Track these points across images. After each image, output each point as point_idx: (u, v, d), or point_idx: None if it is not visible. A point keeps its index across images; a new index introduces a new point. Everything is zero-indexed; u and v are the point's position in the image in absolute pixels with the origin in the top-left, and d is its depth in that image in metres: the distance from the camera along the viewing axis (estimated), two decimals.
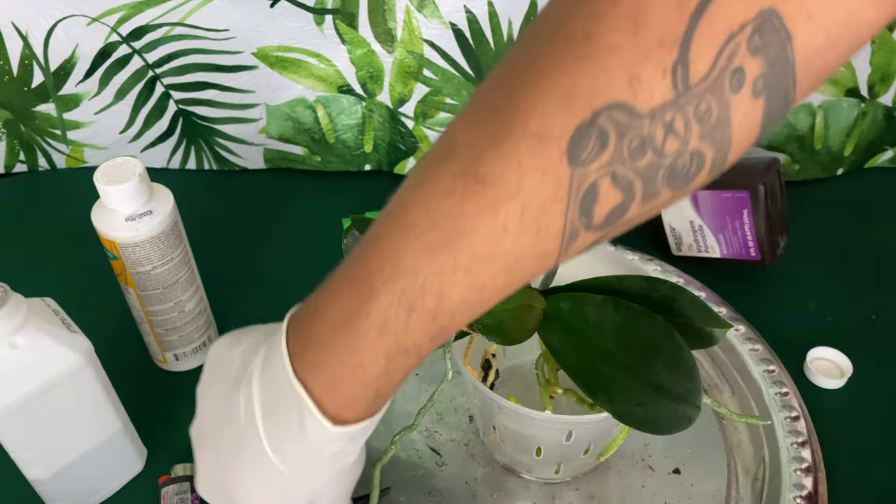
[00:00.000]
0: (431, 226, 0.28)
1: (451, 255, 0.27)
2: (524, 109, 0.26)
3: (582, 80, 0.25)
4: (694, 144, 0.26)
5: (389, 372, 0.30)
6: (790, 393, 0.51)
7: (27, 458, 0.44)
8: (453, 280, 0.28)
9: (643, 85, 0.24)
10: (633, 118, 0.25)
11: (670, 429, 0.37)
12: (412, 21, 0.61)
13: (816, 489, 0.46)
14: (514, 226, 0.27)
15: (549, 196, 0.26)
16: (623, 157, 0.25)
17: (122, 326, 0.57)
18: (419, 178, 0.29)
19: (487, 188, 0.26)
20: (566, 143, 0.25)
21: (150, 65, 0.66)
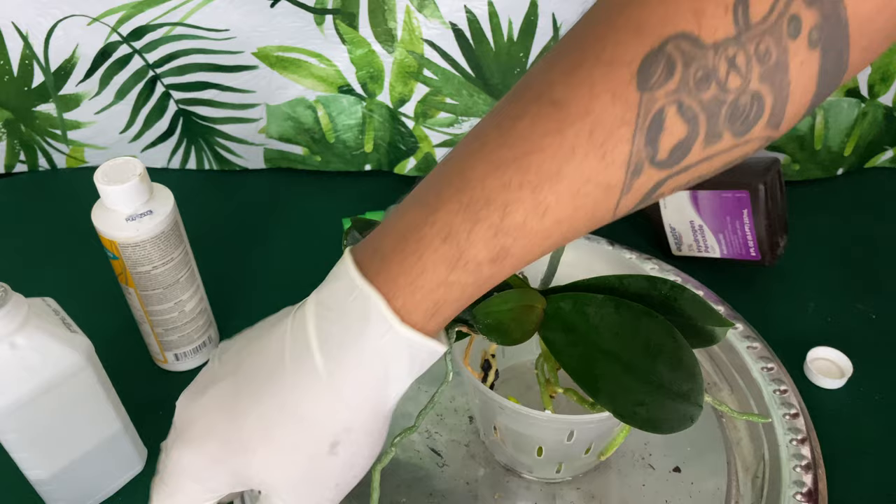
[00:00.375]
0: (501, 143, 0.29)
1: (519, 170, 0.28)
2: (598, 39, 0.28)
3: (652, 12, 0.27)
4: (754, 85, 0.27)
5: (449, 284, 0.30)
6: (789, 391, 0.51)
7: (27, 458, 0.44)
8: (519, 196, 0.29)
9: (707, 19, 0.26)
10: (697, 48, 0.26)
11: (672, 428, 0.37)
12: (412, 21, 0.61)
13: (816, 486, 0.46)
14: (581, 146, 0.28)
15: (617, 118, 0.27)
16: (689, 85, 0.27)
17: (122, 326, 0.57)
18: (501, 103, 0.30)
19: (559, 110, 0.28)
20: (636, 68, 0.27)
21: (151, 65, 0.66)
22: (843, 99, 0.67)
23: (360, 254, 0.32)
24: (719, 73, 0.27)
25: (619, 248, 0.61)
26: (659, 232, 0.63)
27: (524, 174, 0.28)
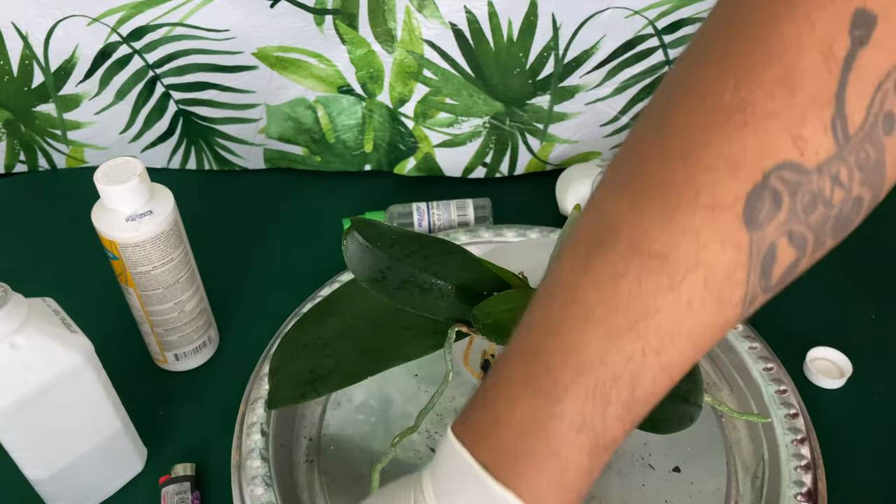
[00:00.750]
0: (611, 309, 0.27)
1: (639, 338, 0.27)
2: (689, 182, 0.26)
3: (747, 146, 0.25)
4: (855, 191, 0.26)
5: (592, 470, 0.28)
6: (788, 391, 0.51)
7: (27, 458, 0.44)
8: (644, 364, 0.27)
9: (808, 143, 0.25)
10: (802, 175, 0.25)
11: (671, 428, 0.37)
12: (412, 21, 0.61)
13: (816, 486, 0.46)
14: (698, 299, 0.26)
15: (730, 263, 0.26)
16: (797, 213, 0.26)
17: (122, 326, 0.57)
18: (579, 262, 0.28)
19: (665, 265, 0.26)
20: (741, 208, 0.26)
21: (151, 65, 0.66)
22: None
23: (478, 449, 0.29)
24: (825, 193, 0.26)
25: None
26: None
27: (645, 340, 0.27)
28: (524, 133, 0.70)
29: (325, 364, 0.43)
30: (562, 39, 0.62)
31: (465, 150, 0.71)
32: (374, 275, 0.41)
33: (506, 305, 0.40)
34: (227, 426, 0.51)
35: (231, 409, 0.52)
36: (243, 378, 0.54)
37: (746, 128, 0.25)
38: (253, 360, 0.55)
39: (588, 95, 0.66)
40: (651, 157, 0.28)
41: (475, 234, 0.63)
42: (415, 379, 0.54)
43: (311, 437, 0.52)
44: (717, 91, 0.26)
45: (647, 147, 0.28)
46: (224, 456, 0.50)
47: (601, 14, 0.60)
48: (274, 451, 0.48)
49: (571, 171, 0.70)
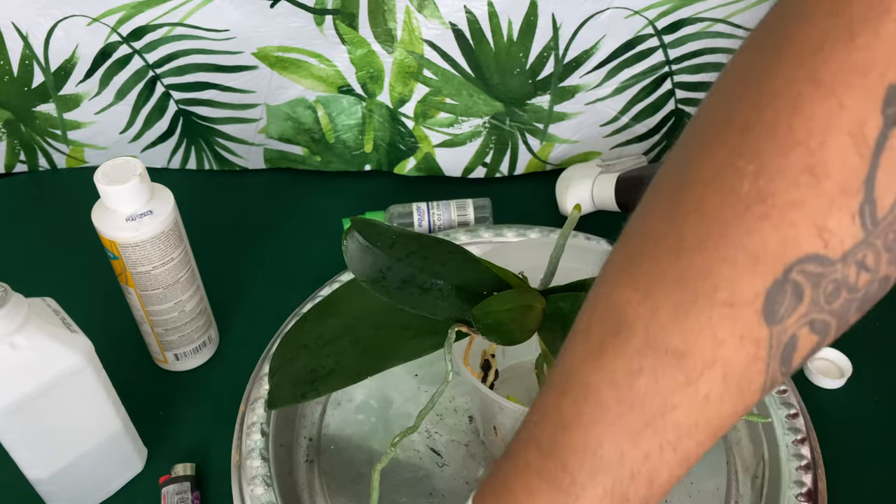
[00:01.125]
0: (627, 407, 0.26)
1: (656, 434, 0.26)
2: (706, 276, 0.25)
3: (768, 239, 0.24)
4: (883, 272, 0.25)
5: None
6: (789, 391, 0.51)
7: (27, 458, 0.44)
8: (661, 460, 0.26)
9: (833, 234, 0.24)
10: (826, 266, 0.24)
11: None
12: (412, 21, 0.61)
13: (816, 486, 0.46)
14: (716, 393, 0.26)
15: (749, 358, 0.25)
16: (820, 304, 0.25)
17: (122, 326, 0.57)
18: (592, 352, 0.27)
19: (682, 361, 0.25)
20: (761, 305, 0.25)
21: (151, 65, 0.66)
22: None
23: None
24: (850, 281, 0.25)
25: None
26: None
27: (662, 436, 0.26)
28: (524, 133, 0.70)
29: (325, 364, 0.43)
30: (562, 39, 0.62)
31: (465, 150, 0.71)
32: (374, 275, 0.41)
33: (506, 305, 0.40)
34: (227, 426, 0.51)
35: (231, 409, 0.52)
36: (243, 378, 0.54)
37: (767, 220, 0.24)
38: (253, 360, 0.55)
39: (588, 95, 0.66)
40: (664, 243, 0.26)
41: (475, 234, 0.63)
42: (415, 379, 0.54)
43: (311, 437, 0.52)
44: (735, 177, 0.25)
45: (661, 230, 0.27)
46: (224, 456, 0.50)
47: (601, 14, 0.60)
48: (274, 451, 0.48)
49: (571, 171, 0.70)
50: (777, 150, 0.24)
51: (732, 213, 0.25)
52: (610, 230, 0.38)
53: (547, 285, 0.44)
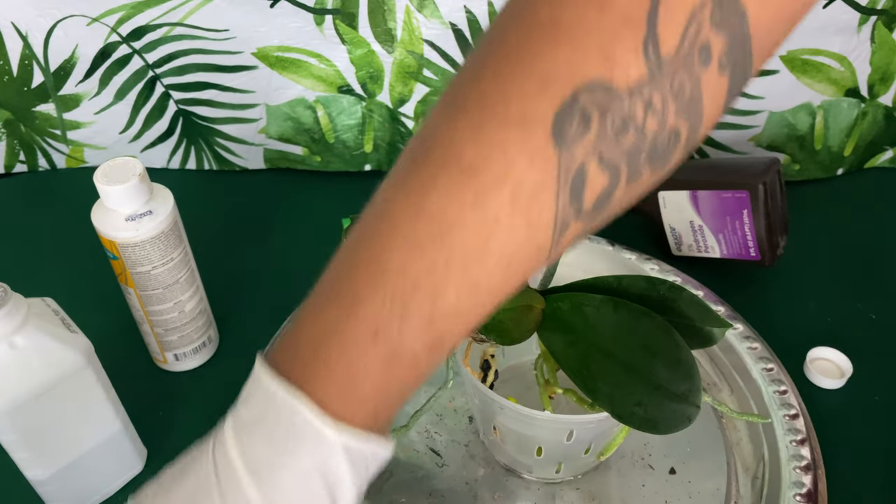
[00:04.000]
0: (417, 221, 0.26)
1: (442, 250, 0.26)
2: (502, 94, 0.26)
3: (558, 61, 0.25)
4: (671, 122, 0.26)
5: (387, 384, 0.27)
6: (789, 391, 0.51)
7: (27, 458, 0.44)
8: (446, 277, 0.26)
9: (618, 62, 0.25)
10: (612, 97, 0.25)
11: (670, 428, 0.37)
12: (412, 21, 0.61)
13: (816, 487, 0.46)
14: (505, 215, 0.26)
15: (538, 181, 0.25)
16: (607, 136, 0.25)
17: (122, 326, 0.57)
18: (399, 174, 0.28)
19: (473, 177, 0.25)
20: (550, 125, 0.25)
21: (150, 65, 0.66)
22: (842, 99, 0.67)
23: (277, 363, 0.29)
24: (637, 119, 0.25)
25: (619, 248, 0.61)
26: (659, 232, 0.63)
27: (448, 252, 0.26)
28: None
29: None
30: None
31: None
32: None
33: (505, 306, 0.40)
34: None
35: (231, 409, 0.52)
36: (243, 378, 0.53)
37: (558, 44, 0.25)
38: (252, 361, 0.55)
39: None
40: (474, 72, 0.27)
41: None
42: None
43: None
44: (537, 7, 0.26)
45: (474, 62, 0.27)
46: None
47: None
48: None
49: None
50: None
51: (528, 38, 0.26)
52: (610, 230, 0.38)
53: (546, 285, 0.44)
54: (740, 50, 0.26)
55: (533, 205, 0.26)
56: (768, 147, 0.70)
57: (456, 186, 0.26)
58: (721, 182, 0.58)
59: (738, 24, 0.25)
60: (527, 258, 0.27)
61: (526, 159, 0.25)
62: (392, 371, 0.27)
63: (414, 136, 0.28)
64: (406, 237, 0.26)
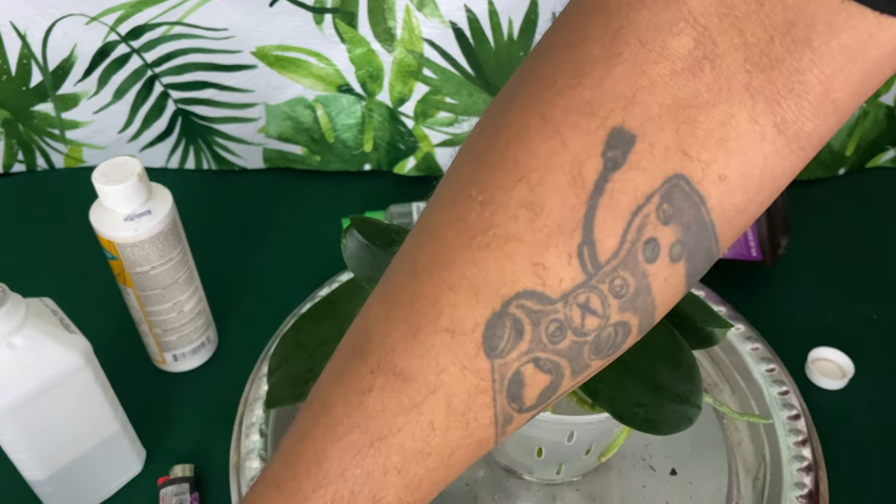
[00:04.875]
0: (354, 424, 0.26)
1: (380, 455, 0.26)
2: (433, 302, 0.25)
3: (488, 270, 0.24)
4: (615, 318, 0.25)
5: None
6: (790, 392, 0.51)
7: (25, 459, 0.44)
8: (384, 481, 0.26)
9: (549, 271, 0.24)
10: (545, 304, 0.24)
11: (671, 429, 0.37)
12: (412, 20, 0.61)
13: (817, 487, 0.46)
14: (440, 421, 0.26)
15: (471, 389, 0.25)
16: (542, 342, 0.25)
17: (120, 327, 0.56)
18: (338, 371, 0.28)
19: (407, 384, 0.25)
20: (480, 336, 0.25)
21: (149, 64, 0.65)
22: None
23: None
24: (574, 322, 0.24)
25: None
26: None
27: (386, 458, 0.26)
28: None
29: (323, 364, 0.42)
30: None
31: None
32: (373, 274, 0.41)
33: None
34: (226, 427, 0.51)
35: (230, 409, 0.52)
36: (242, 379, 0.54)
37: (488, 251, 0.24)
38: (252, 361, 0.55)
39: None
40: (406, 266, 0.27)
41: None
42: None
43: None
44: (465, 207, 0.25)
45: (404, 250, 0.27)
46: (223, 457, 0.50)
47: None
48: (273, 452, 0.48)
49: None
50: (502, 182, 0.24)
51: (459, 242, 0.25)
52: None
53: None
54: (698, 236, 0.24)
55: (469, 410, 0.26)
56: None
57: (390, 393, 0.26)
58: None
59: (694, 212, 0.24)
60: (468, 453, 0.27)
61: (457, 369, 0.25)
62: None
63: (355, 322, 0.28)
64: (344, 441, 0.26)
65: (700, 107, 0.23)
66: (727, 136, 0.23)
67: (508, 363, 0.25)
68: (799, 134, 0.24)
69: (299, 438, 0.28)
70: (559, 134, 0.24)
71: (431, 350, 0.25)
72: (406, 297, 0.26)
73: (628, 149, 0.23)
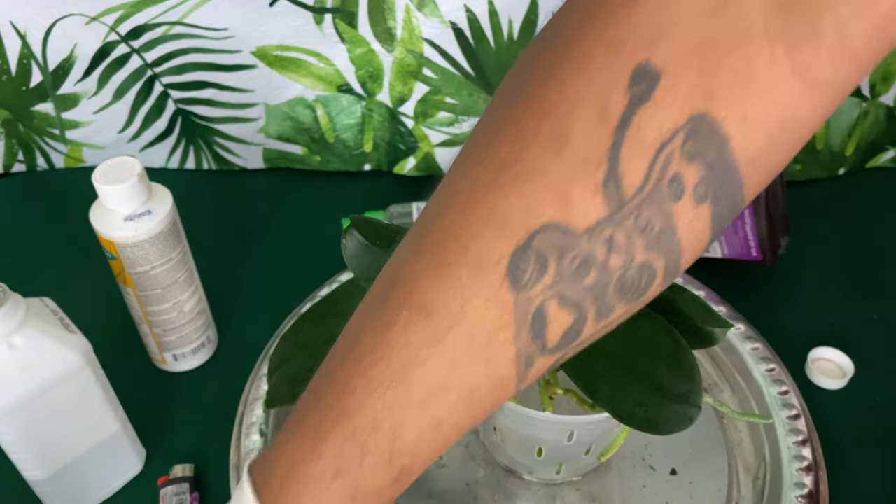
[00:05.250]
0: (378, 357, 0.27)
1: (401, 387, 0.26)
2: (460, 236, 0.26)
3: (513, 203, 0.25)
4: (640, 257, 0.25)
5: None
6: (790, 391, 0.51)
7: (25, 459, 0.44)
8: (405, 416, 0.26)
9: (574, 204, 0.24)
10: (569, 238, 0.24)
11: (671, 429, 0.37)
12: (412, 20, 0.61)
13: (817, 487, 0.46)
14: (462, 355, 0.26)
15: (494, 323, 0.25)
16: (566, 277, 0.25)
17: (120, 327, 0.56)
18: (365, 310, 0.28)
19: (430, 317, 0.26)
20: (505, 268, 0.25)
21: (149, 64, 0.65)
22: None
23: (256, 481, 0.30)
24: (598, 258, 0.24)
25: None
26: None
27: (407, 391, 0.26)
28: None
29: None
30: None
31: None
32: (373, 273, 0.41)
33: None
34: (226, 427, 0.51)
35: (230, 409, 0.52)
36: (242, 378, 0.54)
37: (514, 185, 0.25)
38: (252, 361, 0.55)
39: None
40: (435, 208, 0.28)
41: None
42: None
43: None
44: (497, 144, 0.26)
45: (438, 196, 0.28)
46: (223, 457, 0.50)
47: None
48: None
49: None
50: (529, 119, 0.25)
51: (486, 177, 0.26)
52: None
53: None
54: (723, 177, 0.25)
55: (491, 345, 0.26)
56: None
57: (414, 327, 0.26)
58: None
59: (718, 152, 0.24)
60: (490, 393, 0.27)
61: (481, 302, 0.25)
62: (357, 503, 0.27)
63: (385, 267, 0.29)
64: (368, 374, 0.27)
65: (722, 48, 0.23)
66: (748, 77, 0.24)
67: (532, 297, 0.25)
68: (817, 79, 0.24)
69: (324, 374, 0.28)
70: (585, 70, 0.24)
71: (456, 283, 0.26)
72: (433, 235, 0.27)
73: (654, 85, 0.24)
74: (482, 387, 0.27)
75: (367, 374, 0.27)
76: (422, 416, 0.27)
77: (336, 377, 0.28)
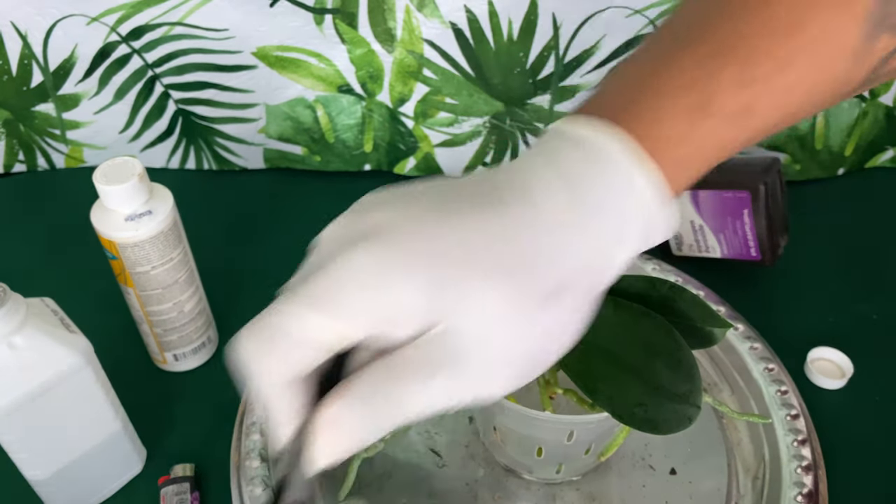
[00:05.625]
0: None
1: (759, 17, 0.27)
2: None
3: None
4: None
5: (692, 139, 0.27)
6: (790, 391, 0.51)
7: (26, 459, 0.44)
8: (759, 44, 0.27)
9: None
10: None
11: (671, 429, 0.37)
12: (412, 20, 0.61)
13: (817, 487, 0.46)
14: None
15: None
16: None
17: (121, 326, 0.57)
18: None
19: None
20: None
21: (150, 64, 0.65)
22: None
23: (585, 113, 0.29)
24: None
25: None
26: None
27: (765, 23, 0.27)
28: (524, 133, 0.69)
29: None
30: (562, 39, 0.62)
31: (465, 149, 0.70)
32: None
33: None
34: (227, 426, 0.51)
35: (230, 409, 0.52)
36: None
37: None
38: None
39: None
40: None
41: None
42: None
43: None
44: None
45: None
46: (223, 456, 0.50)
47: (602, 13, 0.60)
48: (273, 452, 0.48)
49: None
50: None
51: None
52: None
53: None
54: None
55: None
56: (769, 147, 0.70)
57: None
58: (722, 182, 0.58)
59: None
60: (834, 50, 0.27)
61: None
62: (702, 124, 0.27)
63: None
64: (726, 7, 0.27)
65: None
66: None
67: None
68: None
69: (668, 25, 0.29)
70: None
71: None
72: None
73: None
74: (831, 40, 0.27)
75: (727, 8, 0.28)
76: (774, 47, 0.27)
77: (684, 17, 0.29)
